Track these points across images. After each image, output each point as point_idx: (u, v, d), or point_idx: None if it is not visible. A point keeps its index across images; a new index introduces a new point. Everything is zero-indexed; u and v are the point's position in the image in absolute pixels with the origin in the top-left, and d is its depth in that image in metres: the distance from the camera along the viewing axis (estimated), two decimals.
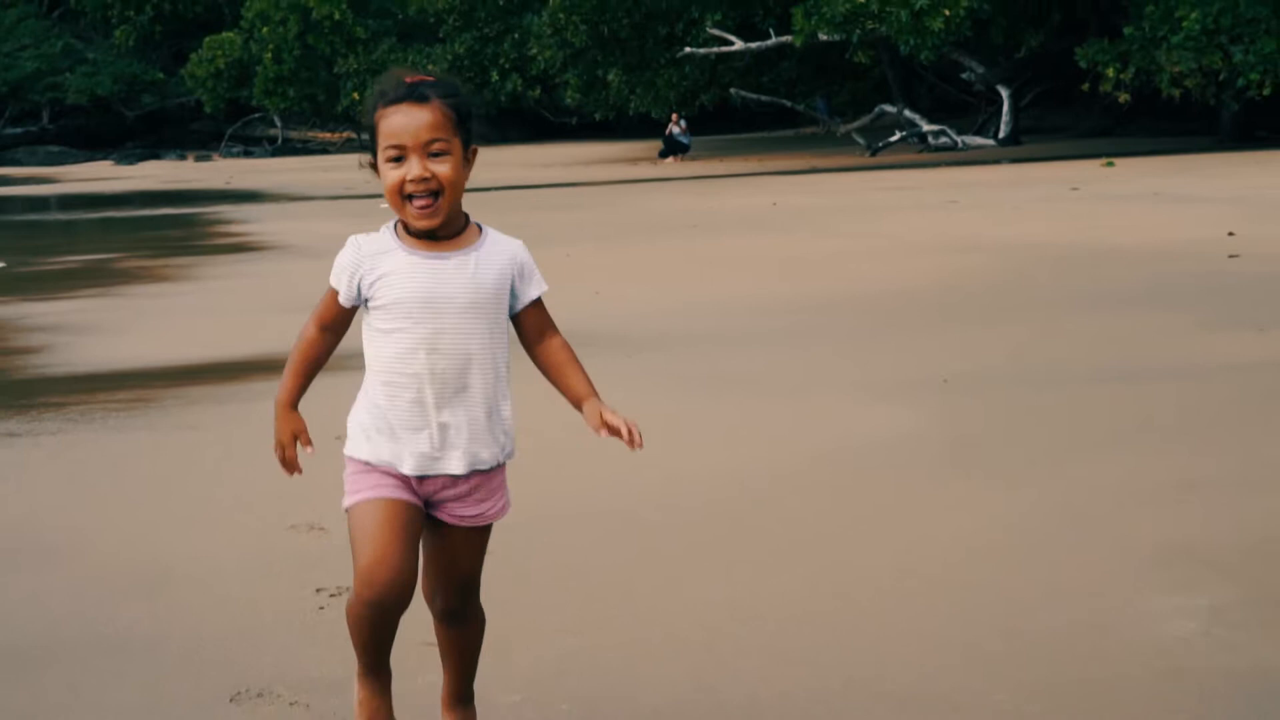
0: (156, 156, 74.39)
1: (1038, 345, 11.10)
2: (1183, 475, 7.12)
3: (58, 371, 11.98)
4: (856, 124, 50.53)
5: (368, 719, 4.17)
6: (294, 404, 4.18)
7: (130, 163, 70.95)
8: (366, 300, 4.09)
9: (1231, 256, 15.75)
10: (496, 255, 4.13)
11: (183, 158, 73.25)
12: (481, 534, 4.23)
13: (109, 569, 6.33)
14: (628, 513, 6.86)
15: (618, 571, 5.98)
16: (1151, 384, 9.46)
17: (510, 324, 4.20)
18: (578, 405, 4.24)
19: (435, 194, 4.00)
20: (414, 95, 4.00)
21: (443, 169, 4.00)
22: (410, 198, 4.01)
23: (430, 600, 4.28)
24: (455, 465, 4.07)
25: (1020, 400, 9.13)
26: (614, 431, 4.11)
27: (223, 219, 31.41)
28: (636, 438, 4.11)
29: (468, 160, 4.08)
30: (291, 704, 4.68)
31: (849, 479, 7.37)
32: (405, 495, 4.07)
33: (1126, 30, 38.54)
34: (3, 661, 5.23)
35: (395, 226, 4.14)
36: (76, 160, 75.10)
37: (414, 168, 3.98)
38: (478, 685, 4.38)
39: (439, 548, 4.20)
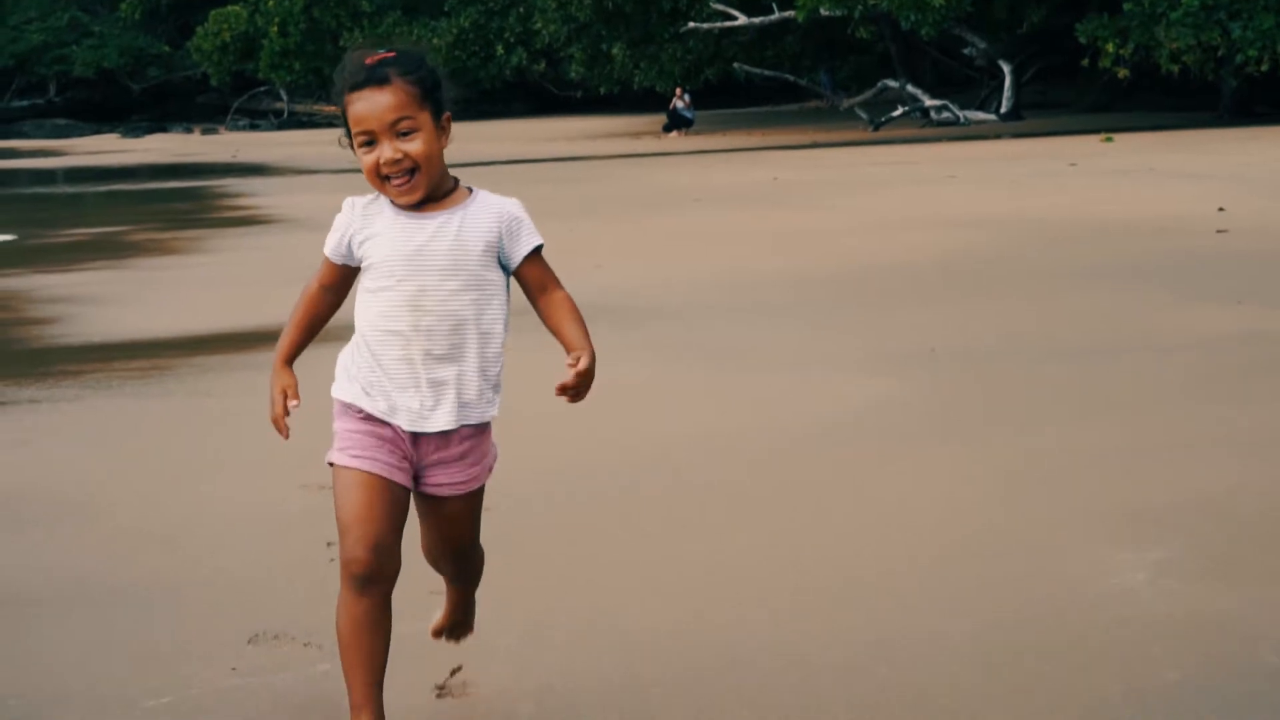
0: (163, 129, 74.57)
1: (1022, 319, 11.45)
2: (1142, 441, 7.52)
3: (74, 341, 12.35)
4: (859, 99, 50.80)
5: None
6: (289, 360, 4.25)
7: (136, 135, 71.14)
8: (360, 260, 4.17)
9: (1219, 231, 16.09)
10: (483, 214, 4.17)
11: (189, 131, 73.41)
12: (474, 498, 4.29)
13: (131, 523, 6.73)
14: (622, 472, 7.24)
15: (612, 525, 6.37)
16: (1124, 356, 9.82)
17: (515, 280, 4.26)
18: (568, 353, 4.22)
19: (411, 171, 4.06)
20: (374, 78, 4.06)
21: (414, 146, 4.06)
22: (387, 178, 4.08)
23: (434, 564, 4.43)
24: (443, 421, 4.11)
25: (1001, 371, 9.51)
26: (563, 389, 4.13)
27: (230, 192, 31.71)
28: (569, 392, 4.12)
29: (442, 128, 4.14)
30: (305, 645, 5.07)
31: (838, 444, 7.75)
32: (392, 470, 4.11)
33: (1126, 6, 38.76)
34: (37, 607, 5.63)
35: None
36: (83, 133, 75.30)
37: (385, 150, 4.05)
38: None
39: (435, 520, 4.28)
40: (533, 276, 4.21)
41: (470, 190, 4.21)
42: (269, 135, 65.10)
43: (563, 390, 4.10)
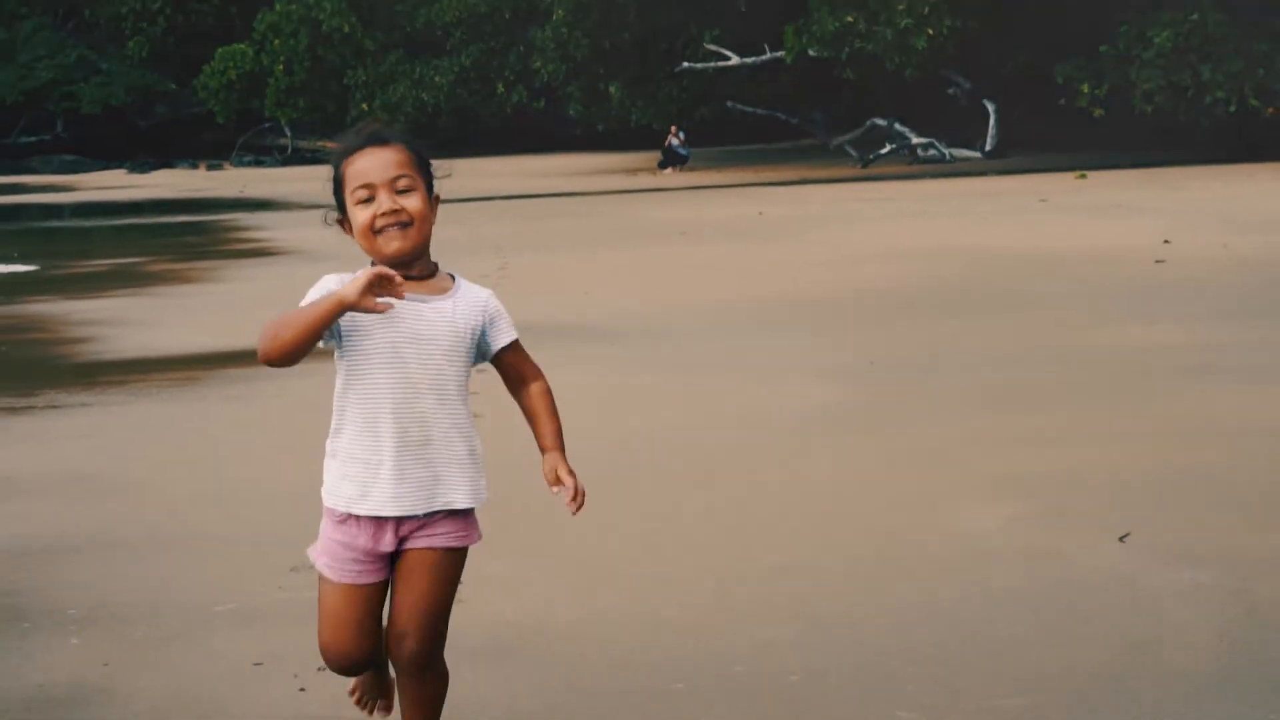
0: (169, 165, 75.72)
1: (954, 336, 12.90)
2: (1028, 430, 9.03)
3: (111, 357, 13.73)
4: (848, 137, 52.30)
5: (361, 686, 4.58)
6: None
7: (143, 171, 72.35)
8: (341, 338, 4.19)
9: (1158, 262, 17.49)
10: (471, 302, 4.25)
11: (195, 167, 74.57)
12: (452, 558, 4.27)
13: (186, 493, 8.17)
14: (604, 462, 8.64)
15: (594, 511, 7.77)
16: (1034, 364, 11.36)
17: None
18: (542, 452, 4.36)
19: (404, 225, 4.15)
20: (376, 139, 4.21)
21: (410, 202, 4.16)
22: (380, 231, 4.15)
23: (396, 648, 4.27)
24: (427, 505, 4.19)
25: (924, 378, 10.99)
26: (562, 486, 4.29)
27: (239, 225, 33.06)
28: (579, 500, 4.28)
29: (431, 204, 4.25)
30: None
31: (784, 434, 9.20)
32: (362, 574, 4.22)
33: (1102, 48, 40.27)
34: (124, 549, 7.04)
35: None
36: (90, 169, 76.43)
37: (383, 202, 4.13)
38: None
39: (410, 578, 4.23)
40: (511, 365, 4.34)
41: (452, 277, 4.30)
42: (274, 171, 66.35)
43: (573, 496, 4.29)
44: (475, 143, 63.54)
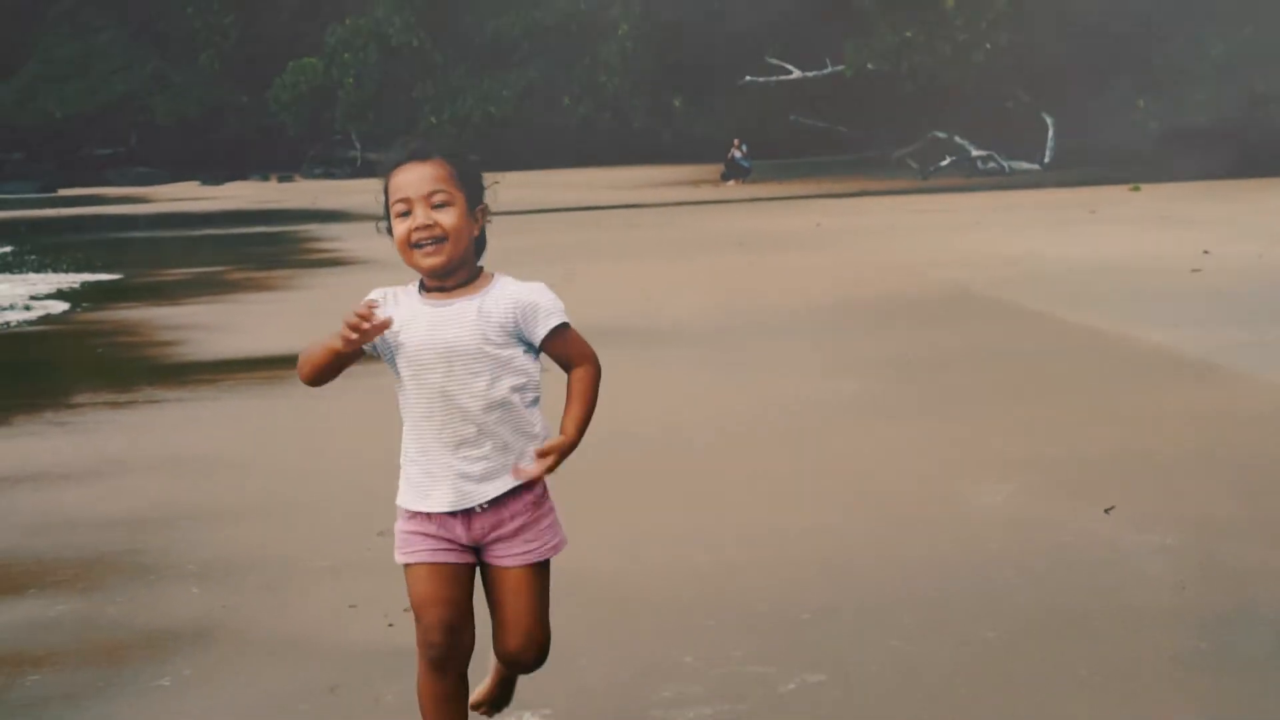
0: (241, 177, 77.08)
1: (982, 334, 13.80)
2: (1041, 417, 9.95)
3: (199, 358, 14.72)
4: (909, 149, 53.07)
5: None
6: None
7: (216, 183, 73.69)
8: (381, 351, 4.37)
9: (1194, 271, 18.22)
10: (502, 300, 4.32)
11: (266, 178, 75.87)
12: (533, 574, 4.43)
13: (280, 470, 9.17)
14: (658, 441, 9.56)
15: (644, 480, 8.68)
16: (1054, 359, 12.25)
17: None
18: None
19: (439, 240, 4.28)
20: (417, 155, 4.34)
21: (445, 218, 4.27)
22: (417, 245, 4.29)
23: (511, 661, 4.51)
24: (479, 496, 4.32)
25: (953, 371, 11.87)
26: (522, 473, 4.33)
27: (313, 236, 34.14)
28: (526, 474, 4.31)
29: (474, 217, 4.36)
30: None
31: (823, 419, 10.13)
32: (441, 554, 4.36)
33: (1157, 61, 40.94)
34: (223, 520, 7.98)
35: (420, 283, 4.40)
36: (164, 180, 77.85)
37: (418, 216, 4.27)
38: None
39: (500, 595, 4.42)
40: (556, 352, 4.39)
41: (493, 276, 4.41)
42: (344, 183, 67.31)
43: (530, 469, 4.32)
44: (542, 155, 64.38)
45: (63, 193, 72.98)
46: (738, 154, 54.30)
